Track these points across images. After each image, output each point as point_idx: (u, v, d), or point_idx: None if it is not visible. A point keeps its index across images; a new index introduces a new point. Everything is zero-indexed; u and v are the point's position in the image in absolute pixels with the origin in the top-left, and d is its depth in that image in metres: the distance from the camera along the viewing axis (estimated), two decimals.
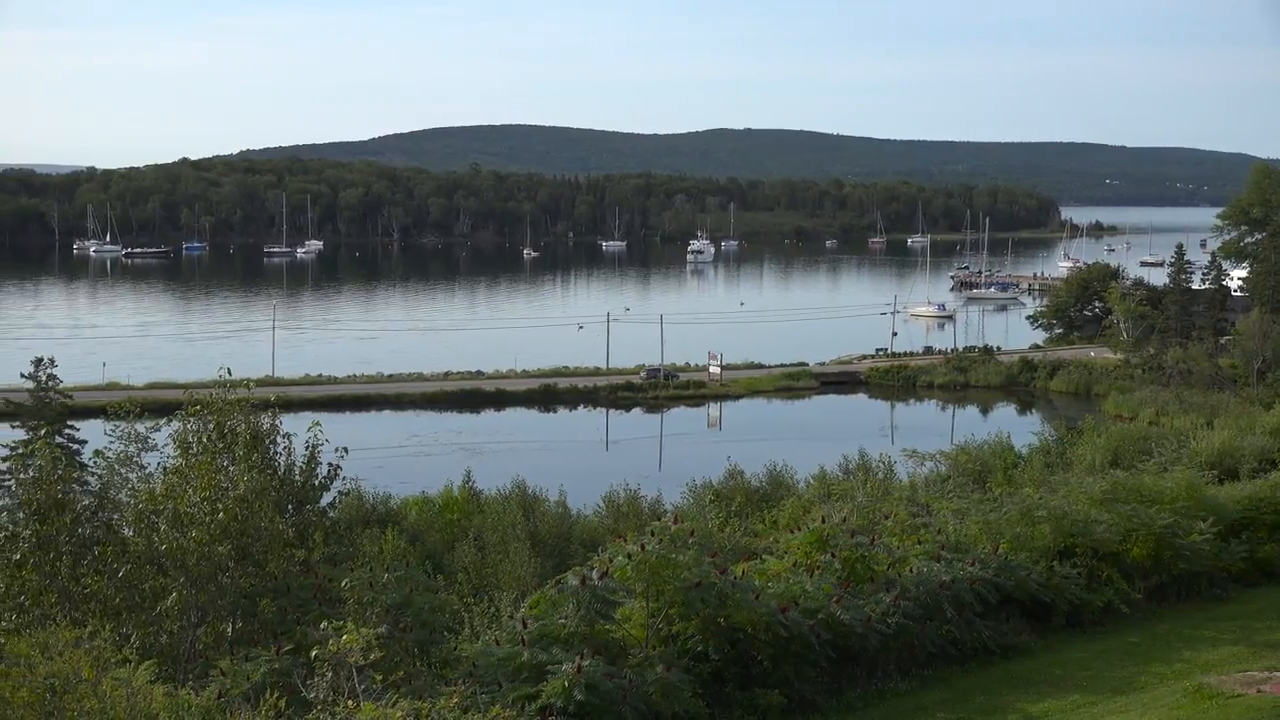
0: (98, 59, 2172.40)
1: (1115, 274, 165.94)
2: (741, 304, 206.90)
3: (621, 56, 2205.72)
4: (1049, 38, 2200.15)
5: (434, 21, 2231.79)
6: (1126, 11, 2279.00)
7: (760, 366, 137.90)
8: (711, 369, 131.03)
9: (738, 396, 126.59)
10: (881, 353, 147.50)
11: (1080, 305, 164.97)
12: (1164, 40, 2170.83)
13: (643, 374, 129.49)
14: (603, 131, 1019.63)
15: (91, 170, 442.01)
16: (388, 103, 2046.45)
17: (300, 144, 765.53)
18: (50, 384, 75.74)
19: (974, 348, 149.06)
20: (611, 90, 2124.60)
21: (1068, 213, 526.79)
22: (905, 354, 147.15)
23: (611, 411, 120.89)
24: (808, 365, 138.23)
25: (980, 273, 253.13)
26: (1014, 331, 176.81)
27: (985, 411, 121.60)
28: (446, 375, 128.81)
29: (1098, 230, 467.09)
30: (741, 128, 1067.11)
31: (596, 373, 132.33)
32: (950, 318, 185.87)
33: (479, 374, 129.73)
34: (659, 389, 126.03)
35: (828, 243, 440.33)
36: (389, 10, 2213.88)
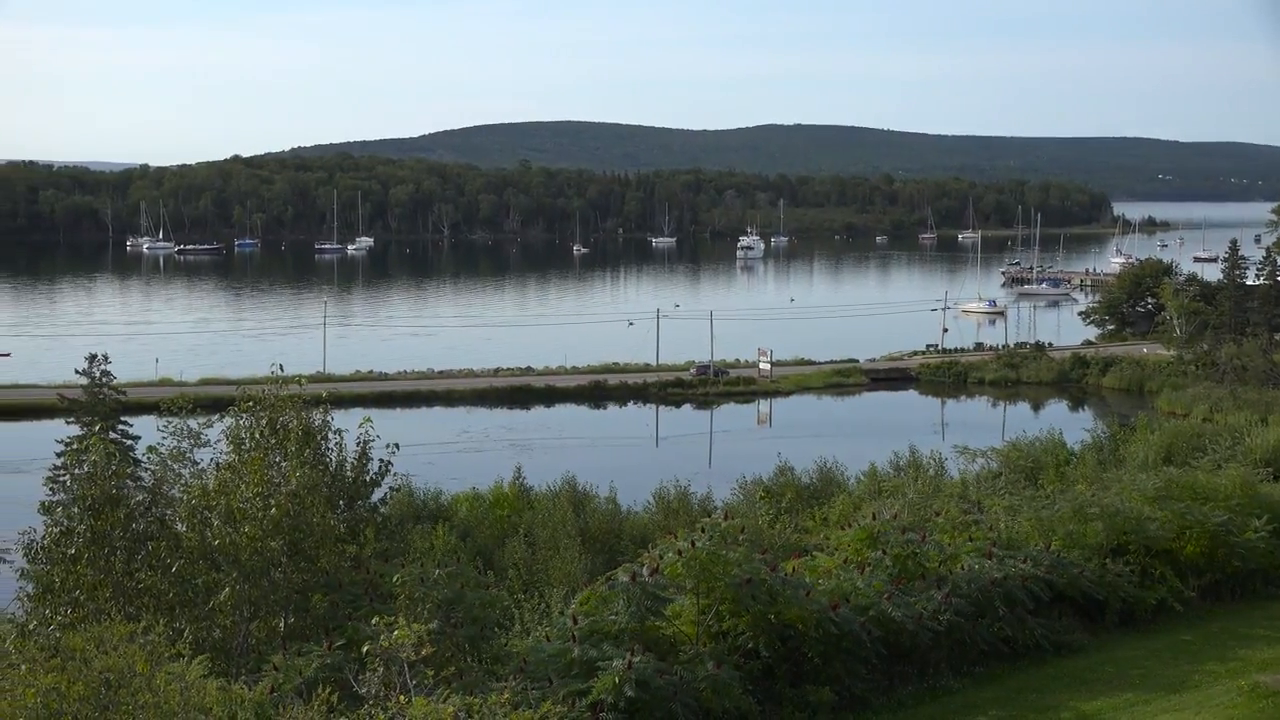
0: (151, 57, 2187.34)
1: (1168, 270, 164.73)
2: (791, 300, 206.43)
3: (672, 53, 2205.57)
4: (1102, 31, 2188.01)
5: (486, 18, 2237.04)
6: (1180, 5, 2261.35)
7: (810, 363, 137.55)
8: (761, 365, 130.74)
9: (788, 393, 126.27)
10: (932, 349, 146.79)
11: (1133, 301, 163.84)
12: (1217, 34, 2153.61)
13: (693, 370, 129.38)
14: (652, 128, 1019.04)
15: (144, 168, 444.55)
16: (438, 99, 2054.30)
17: (351, 141, 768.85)
18: (104, 380, 76.18)
19: (1025, 344, 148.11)
20: (661, 86, 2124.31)
21: (1120, 208, 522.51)
22: (956, 350, 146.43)
23: (661, 408, 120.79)
24: (858, 362, 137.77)
25: (1032, 269, 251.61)
26: (1066, 328, 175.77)
27: (1037, 408, 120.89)
28: (497, 372, 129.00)
29: (1150, 226, 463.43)
30: (791, 123, 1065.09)
31: (646, 369, 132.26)
32: (1001, 314, 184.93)
33: (529, 370, 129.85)
34: (709, 385, 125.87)
35: (878, 239, 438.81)
36: (441, 7, 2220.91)
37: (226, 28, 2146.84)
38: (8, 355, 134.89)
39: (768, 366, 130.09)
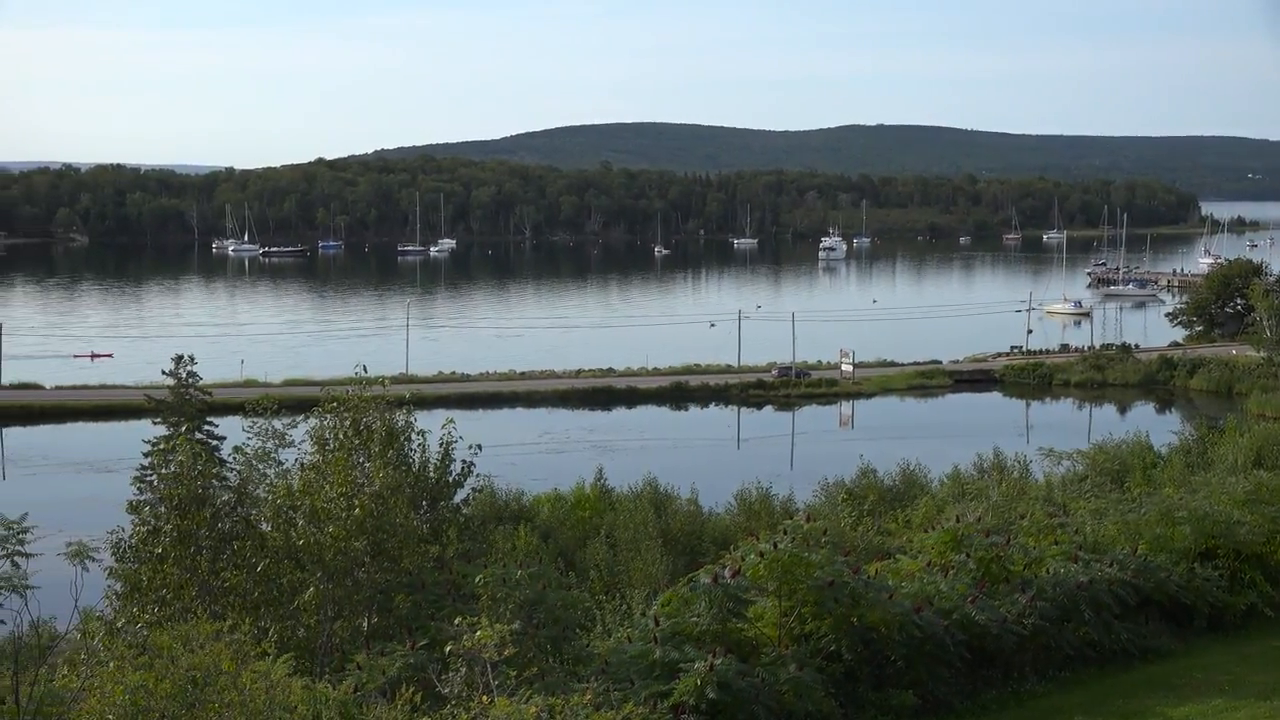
0: (236, 59, 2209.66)
1: (1258, 270, 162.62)
2: (874, 301, 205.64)
3: (753, 53, 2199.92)
4: (1187, 28, 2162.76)
5: (567, 20, 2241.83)
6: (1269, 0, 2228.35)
7: (893, 364, 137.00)
8: (844, 367, 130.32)
9: (870, 395, 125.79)
10: (1016, 350, 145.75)
11: (1221, 302, 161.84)
12: None
13: (774, 372, 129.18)
14: (734, 128, 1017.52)
15: (229, 170, 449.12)
16: (520, 101, 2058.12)
17: (434, 143, 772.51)
18: (190, 381, 77.01)
19: (1111, 345, 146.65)
20: (743, 87, 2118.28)
21: (1208, 207, 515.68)
22: (1041, 352, 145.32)
23: (742, 409, 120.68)
24: (941, 363, 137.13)
25: (1118, 269, 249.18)
26: (1153, 329, 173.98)
27: (1123, 410, 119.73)
28: (578, 373, 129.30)
29: (1239, 225, 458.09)
30: (874, 123, 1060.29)
31: (728, 370, 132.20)
32: (1087, 315, 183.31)
33: (610, 371, 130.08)
34: (790, 387, 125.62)
35: (961, 239, 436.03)
36: (523, 8, 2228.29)
37: (311, 30, 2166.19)
38: (109, 355, 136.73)
39: (850, 368, 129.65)
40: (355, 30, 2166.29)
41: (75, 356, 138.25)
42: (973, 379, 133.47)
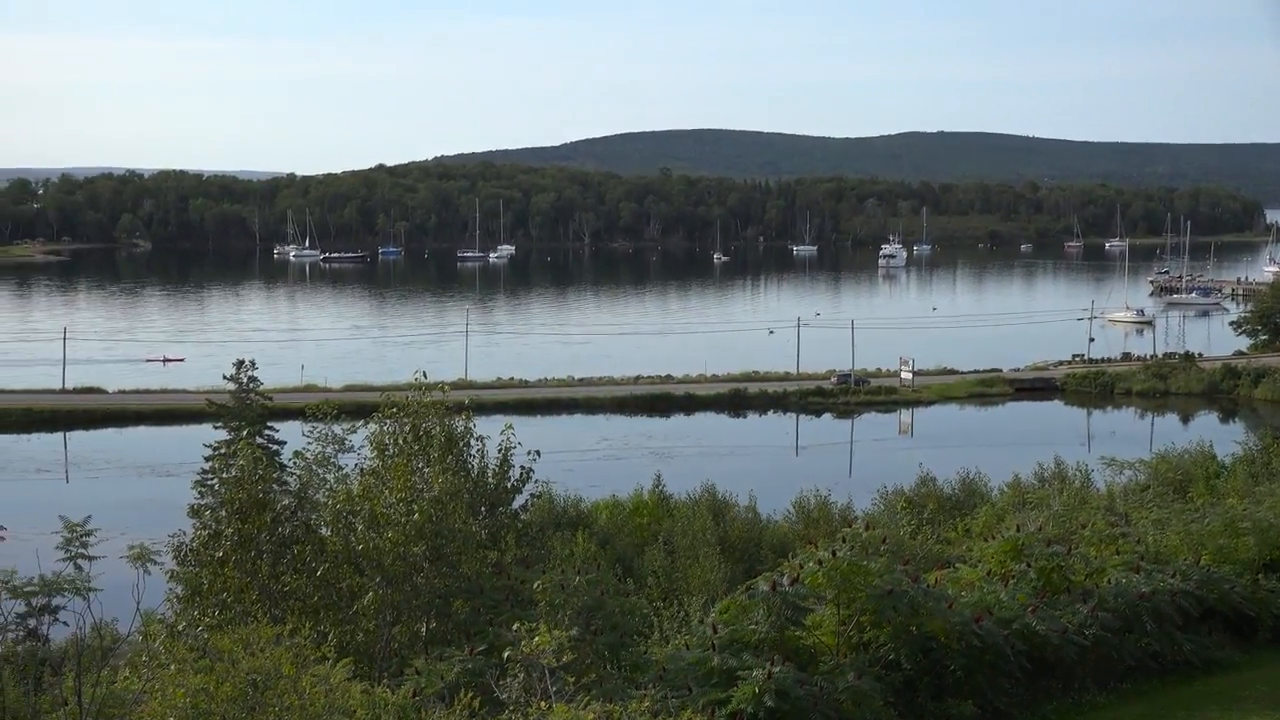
0: (298, 67, 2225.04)
1: None
2: (934, 309, 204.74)
3: (812, 59, 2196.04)
4: (1252, 34, 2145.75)
5: (626, 27, 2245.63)
6: None
7: (953, 372, 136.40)
8: (903, 374, 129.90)
9: (929, 402, 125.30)
10: (1078, 359, 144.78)
11: None
12: None
13: (833, 379, 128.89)
14: (793, 135, 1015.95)
15: (291, 176, 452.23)
16: (580, 108, 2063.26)
17: (493, 149, 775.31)
18: (251, 386, 77.56)
19: (1174, 354, 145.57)
20: (802, 94, 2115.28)
21: (1273, 215, 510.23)
22: (1103, 360, 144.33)
23: (801, 416, 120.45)
24: (1001, 371, 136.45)
25: (1181, 277, 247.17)
26: (1216, 337, 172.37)
27: (1186, 419, 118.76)
28: (637, 379, 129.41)
29: None
30: (934, 130, 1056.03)
31: (786, 377, 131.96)
32: (1149, 323, 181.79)
33: (669, 378, 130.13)
34: (850, 394, 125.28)
35: (1022, 247, 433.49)
36: (581, 16, 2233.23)
37: (371, 38, 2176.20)
38: (181, 360, 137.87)
39: (910, 376, 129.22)
40: (417, 37, 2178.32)
41: (148, 360, 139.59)
42: (1033, 387, 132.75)
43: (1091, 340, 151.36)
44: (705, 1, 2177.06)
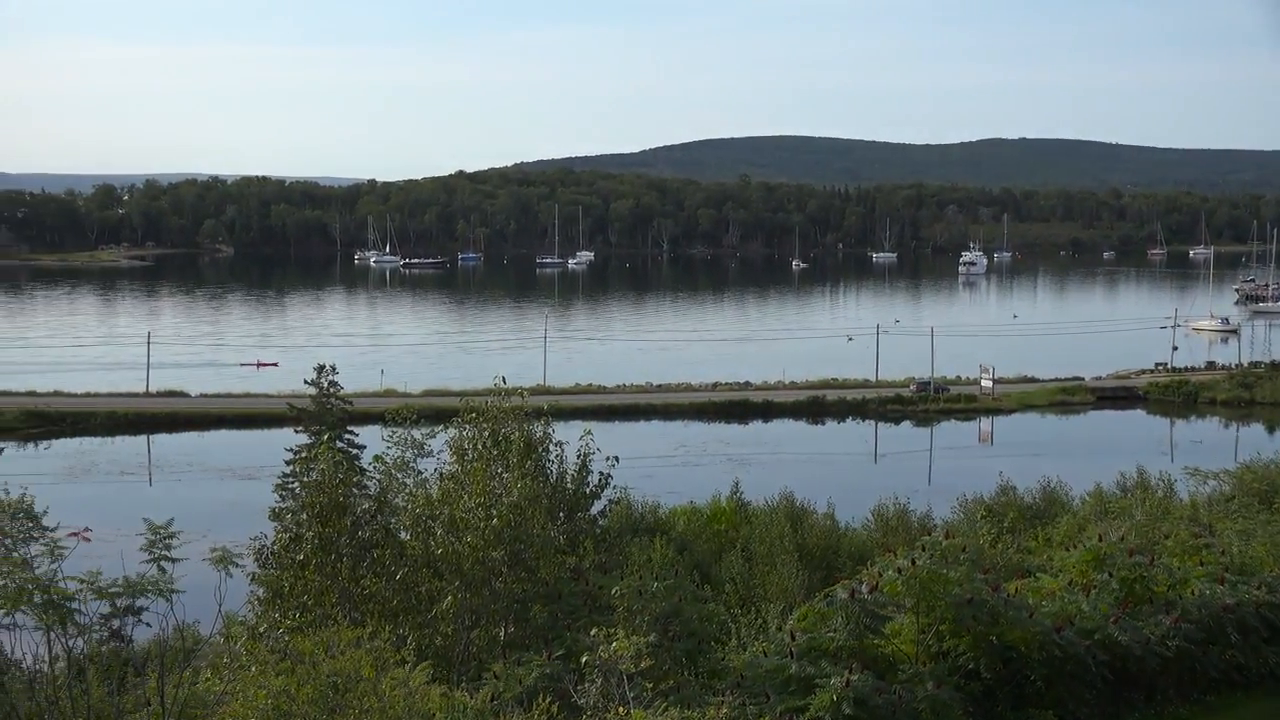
0: (379, 73, 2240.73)
1: None
2: (1015, 317, 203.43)
3: (893, 66, 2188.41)
4: None
5: (705, 34, 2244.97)
6: None
7: (1033, 380, 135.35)
8: (983, 382, 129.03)
9: (1010, 411, 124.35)
10: (1161, 367, 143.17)
11: None
12: None
13: (912, 387, 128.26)
14: (873, 142, 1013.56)
15: (372, 182, 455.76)
16: (658, 115, 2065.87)
17: (573, 156, 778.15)
18: (332, 390, 78.07)
19: (1260, 363, 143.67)
20: (882, 100, 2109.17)
21: None
22: (1186, 369, 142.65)
23: (880, 424, 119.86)
24: (1083, 380, 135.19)
25: (1267, 285, 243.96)
26: None
27: (1272, 429, 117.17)
28: (715, 386, 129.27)
29: None
30: (1015, 137, 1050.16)
31: (865, 385, 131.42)
32: (1234, 332, 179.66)
33: (747, 385, 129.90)
34: (929, 402, 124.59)
35: (1105, 254, 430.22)
36: (660, 23, 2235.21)
37: (452, 45, 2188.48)
38: (275, 365, 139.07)
39: (990, 384, 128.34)
40: (496, 45, 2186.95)
41: (242, 365, 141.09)
42: (1115, 396, 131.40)
43: (1175, 349, 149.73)
44: (786, 8, 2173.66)
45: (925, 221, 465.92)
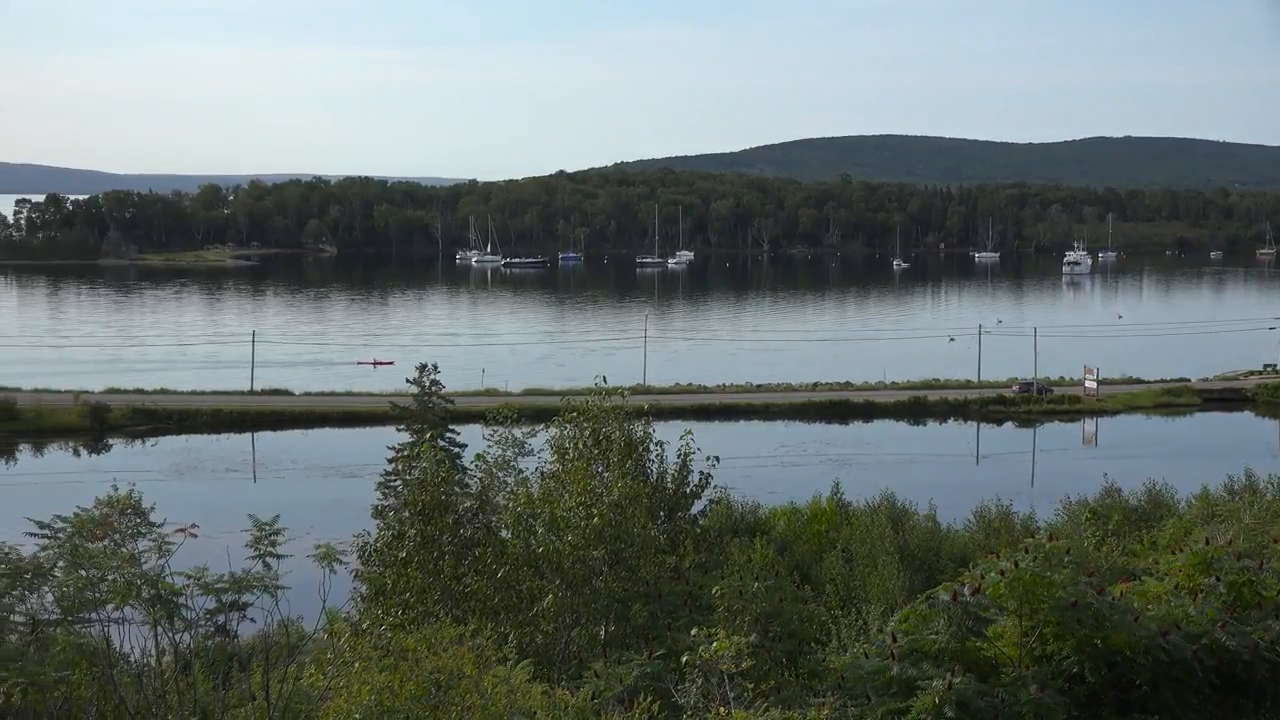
0: (482, 75, 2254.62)
1: None
2: (1119, 317, 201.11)
3: (995, 64, 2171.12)
4: None
5: (804, 34, 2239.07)
6: None
7: (1139, 382, 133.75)
8: (1087, 384, 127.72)
9: (1114, 412, 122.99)
10: (1270, 369, 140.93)
11: None
12: None
13: (1015, 387, 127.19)
14: (976, 141, 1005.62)
15: (473, 183, 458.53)
16: (758, 114, 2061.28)
17: (672, 156, 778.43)
18: (433, 389, 78.67)
19: None
20: (985, 99, 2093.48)
21: None
22: None
23: (982, 425, 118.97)
24: (1189, 381, 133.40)
25: None
26: None
27: None
28: (815, 386, 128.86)
29: None
30: (1121, 135, 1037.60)
31: (967, 385, 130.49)
32: None
33: (848, 385, 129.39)
34: (1032, 403, 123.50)
35: (1212, 254, 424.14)
36: (760, 23, 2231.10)
37: (554, 46, 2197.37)
38: (391, 363, 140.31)
39: (1094, 385, 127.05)
40: (597, 45, 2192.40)
41: (359, 364, 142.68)
42: (1223, 398, 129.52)
43: None
44: (888, 7, 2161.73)
45: (1028, 221, 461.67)
